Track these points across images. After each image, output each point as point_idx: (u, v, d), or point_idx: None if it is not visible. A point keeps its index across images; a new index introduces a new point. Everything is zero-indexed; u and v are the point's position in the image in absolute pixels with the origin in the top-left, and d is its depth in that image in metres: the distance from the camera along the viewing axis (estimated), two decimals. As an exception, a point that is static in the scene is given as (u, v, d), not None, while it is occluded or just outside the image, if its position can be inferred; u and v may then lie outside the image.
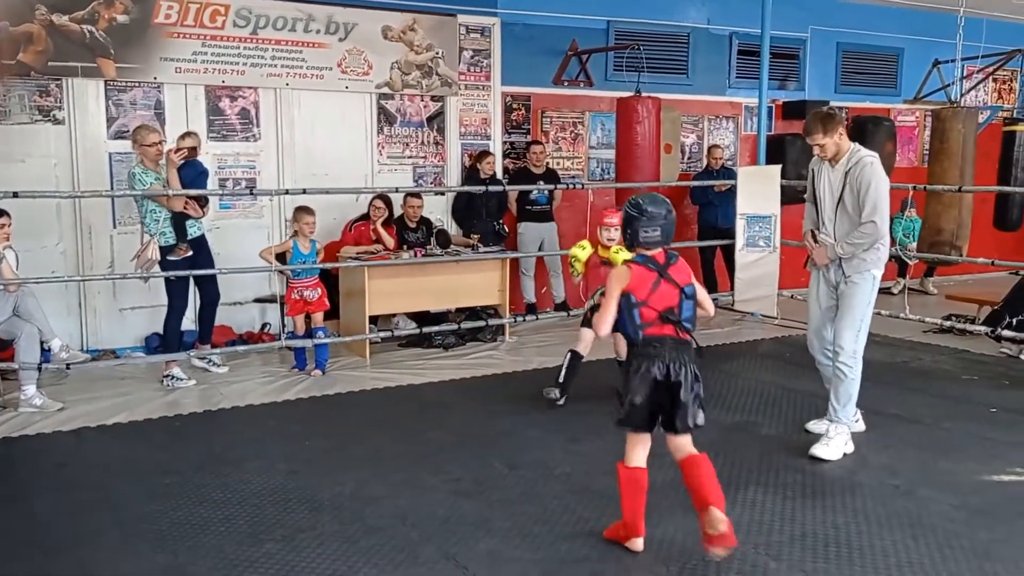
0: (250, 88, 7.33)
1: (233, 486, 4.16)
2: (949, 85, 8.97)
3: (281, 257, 6.36)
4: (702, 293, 3.50)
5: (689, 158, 9.60)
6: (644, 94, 7.89)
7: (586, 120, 8.99)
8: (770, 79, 8.79)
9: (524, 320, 7.83)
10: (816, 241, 4.77)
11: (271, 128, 7.46)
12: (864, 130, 10.20)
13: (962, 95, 9.27)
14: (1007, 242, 9.92)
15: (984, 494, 4.06)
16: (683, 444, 3.41)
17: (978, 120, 8.87)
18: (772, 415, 5.33)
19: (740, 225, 7.93)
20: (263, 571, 3.31)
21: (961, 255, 8.01)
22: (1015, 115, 9.88)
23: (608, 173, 8.95)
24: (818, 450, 4.51)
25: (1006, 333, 6.66)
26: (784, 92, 9.98)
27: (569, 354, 5.56)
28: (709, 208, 8.91)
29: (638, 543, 3.43)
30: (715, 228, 8.72)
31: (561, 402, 5.45)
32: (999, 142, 9.34)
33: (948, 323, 7.45)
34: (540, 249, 8.17)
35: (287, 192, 6.71)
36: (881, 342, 7.08)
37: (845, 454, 4.54)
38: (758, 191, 7.86)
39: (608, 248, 5.35)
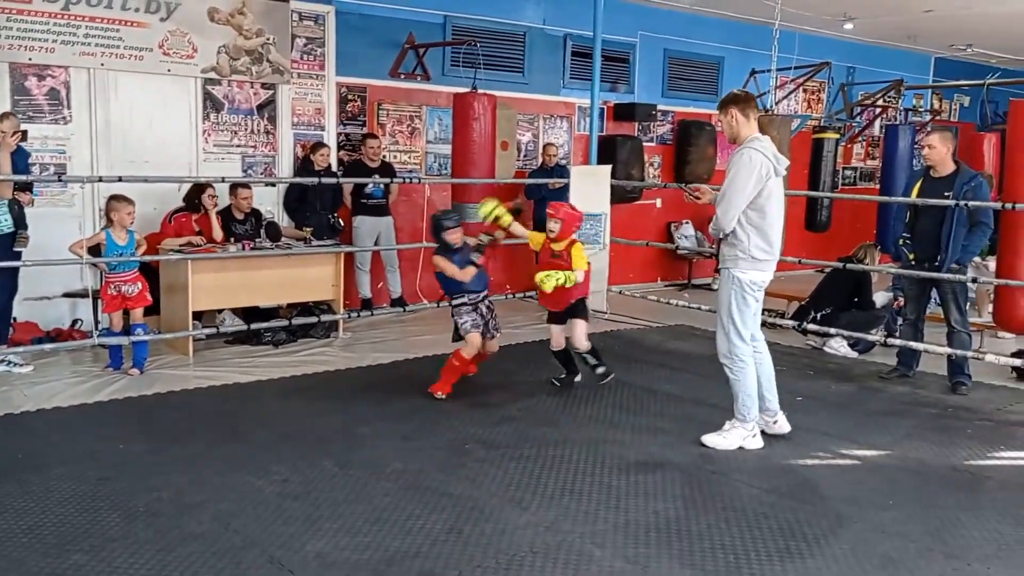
0: (60, 67, 6.82)
1: (37, 494, 3.86)
2: (764, 94, 9.55)
3: (95, 250, 5.95)
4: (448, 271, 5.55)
5: (525, 156, 9.74)
6: (480, 91, 7.94)
7: (423, 114, 8.95)
8: (602, 81, 9.06)
9: (359, 316, 7.71)
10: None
11: (84, 110, 6.97)
12: (688, 134, 10.73)
13: (776, 103, 9.90)
14: (816, 242, 10.68)
15: (790, 477, 4.34)
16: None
17: (791, 127, 9.50)
18: (599, 407, 5.49)
19: (572, 222, 8.11)
20: (68, 586, 3.08)
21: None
22: (823, 123, 10.69)
23: (445, 168, 8.95)
24: (709, 439, 4.69)
25: (811, 327, 7.17)
26: (615, 94, 10.31)
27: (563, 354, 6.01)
28: (543, 204, 9.06)
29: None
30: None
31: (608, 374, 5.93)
32: (809, 148, 10.08)
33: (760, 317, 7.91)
34: (376, 243, 8.07)
35: (100, 179, 6.28)
36: (700, 335, 7.46)
37: (741, 448, 4.68)
38: (590, 190, 8.08)
39: (553, 239, 5.80)
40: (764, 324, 7.82)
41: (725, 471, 4.38)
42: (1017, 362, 6.10)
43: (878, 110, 12.31)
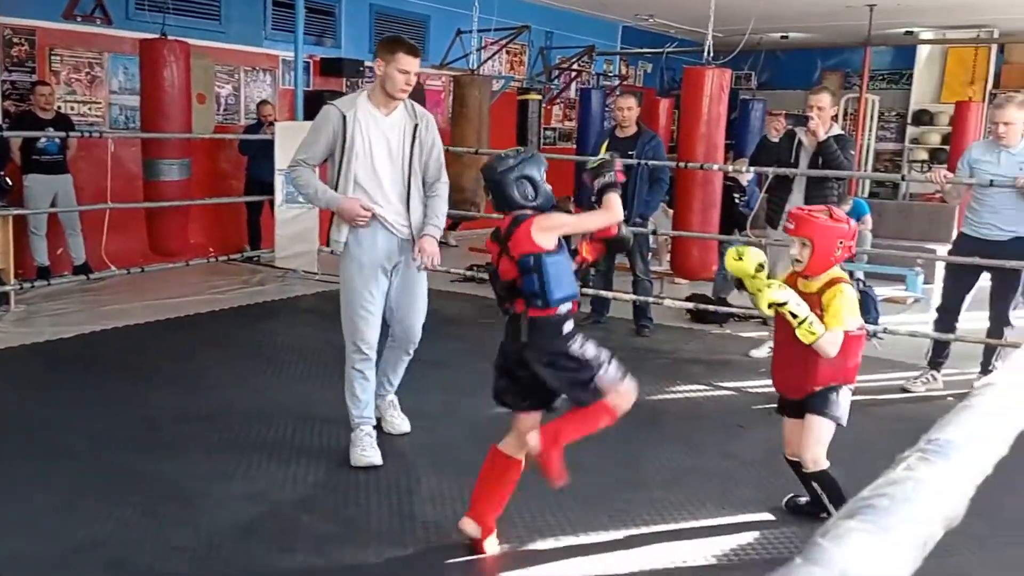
0: None
1: None
2: (469, 54, 9.75)
3: None
4: (581, 225, 3.13)
5: (226, 110, 9.20)
6: (171, 37, 7.34)
7: (105, 62, 8.12)
8: (307, 34, 8.75)
9: (33, 286, 6.89)
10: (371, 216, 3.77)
11: None
12: (396, 91, 10.70)
13: (480, 64, 10.13)
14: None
15: (483, 426, 4.44)
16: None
17: (493, 88, 9.78)
18: (305, 368, 5.38)
19: (279, 181, 7.82)
20: None
21: (480, 211, 8.83)
22: (525, 85, 11.13)
23: (134, 121, 8.21)
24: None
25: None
26: (321, 48, 10.02)
27: None
28: (256, 161, 8.60)
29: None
30: (264, 182, 8.40)
31: None
32: (514, 109, 10.47)
33: (470, 272, 8.16)
34: (53, 205, 7.23)
35: None
36: (414, 293, 7.53)
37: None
38: (296, 147, 7.80)
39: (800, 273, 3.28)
40: (473, 279, 8.14)
41: (435, 424, 4.46)
42: (690, 305, 6.78)
43: (574, 74, 13.03)
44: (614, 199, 3.03)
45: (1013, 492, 3.86)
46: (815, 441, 3.26)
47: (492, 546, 3.14)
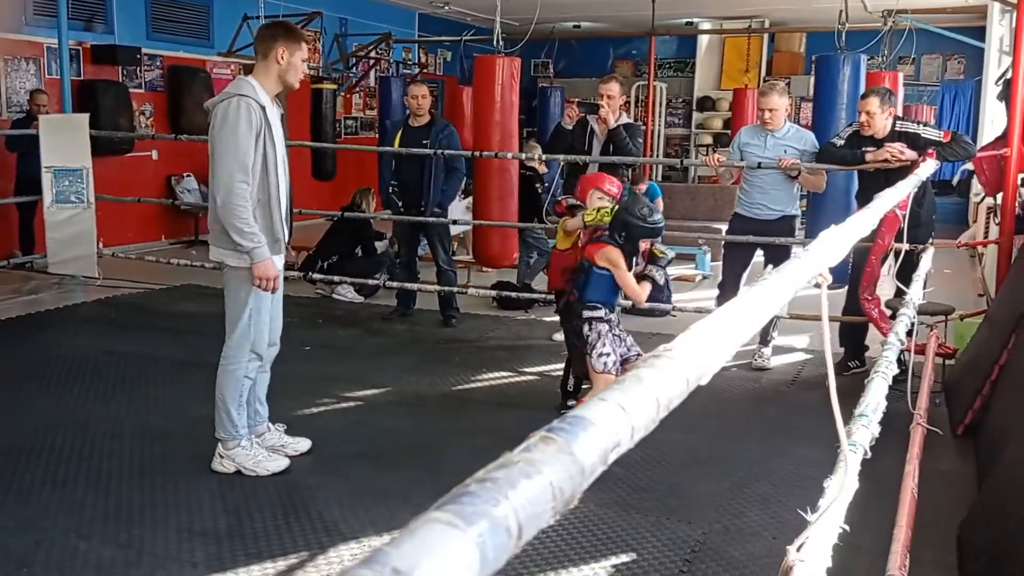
0: None
1: None
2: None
3: None
4: (622, 279, 3.89)
5: (-17, 102, 8.35)
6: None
7: None
8: (73, 19, 8.09)
9: None
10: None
11: None
12: (180, 81, 10.13)
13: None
14: (324, 191, 10.84)
15: (306, 426, 4.29)
16: None
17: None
18: (92, 383, 4.98)
19: (47, 179, 7.18)
20: None
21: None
22: (320, 74, 10.83)
23: None
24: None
25: (317, 276, 7.27)
26: (92, 35, 9.28)
27: None
28: (27, 158, 7.80)
29: None
30: (38, 181, 7.58)
31: None
32: (309, 99, 10.16)
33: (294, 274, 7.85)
34: None
35: None
36: (209, 294, 7.15)
37: None
38: (66, 142, 7.21)
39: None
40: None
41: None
42: (494, 293, 6.86)
43: (372, 62, 12.81)
44: (647, 289, 3.97)
45: (784, 454, 4.17)
46: None
47: None
